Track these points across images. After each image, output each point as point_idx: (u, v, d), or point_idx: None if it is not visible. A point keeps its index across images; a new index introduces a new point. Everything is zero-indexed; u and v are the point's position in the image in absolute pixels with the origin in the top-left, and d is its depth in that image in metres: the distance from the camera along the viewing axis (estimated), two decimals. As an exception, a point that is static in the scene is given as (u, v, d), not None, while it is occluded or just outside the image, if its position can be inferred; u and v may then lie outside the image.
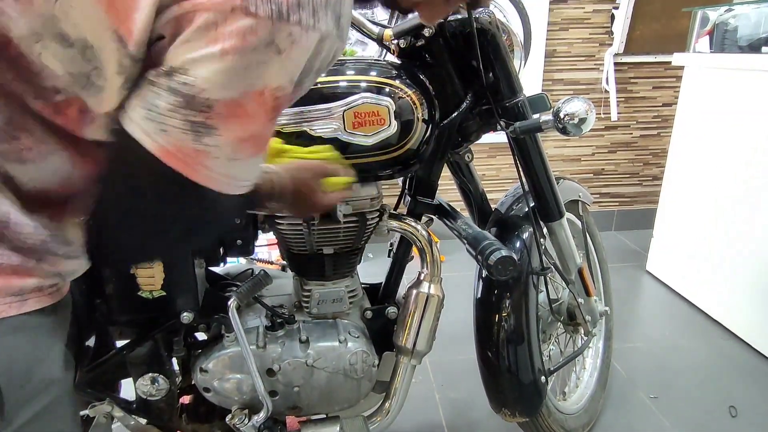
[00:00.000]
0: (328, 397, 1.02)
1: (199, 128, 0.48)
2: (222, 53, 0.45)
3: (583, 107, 0.87)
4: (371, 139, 0.91)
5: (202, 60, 0.45)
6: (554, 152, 2.77)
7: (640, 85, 2.70)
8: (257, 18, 0.44)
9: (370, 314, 1.09)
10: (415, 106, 0.93)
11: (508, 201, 1.24)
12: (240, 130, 0.50)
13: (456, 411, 1.54)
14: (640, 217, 2.86)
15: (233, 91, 0.47)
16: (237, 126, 0.49)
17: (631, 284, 2.35)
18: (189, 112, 0.47)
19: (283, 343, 0.98)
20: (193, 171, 0.50)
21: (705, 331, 1.95)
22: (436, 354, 1.21)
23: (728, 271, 1.94)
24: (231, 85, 0.46)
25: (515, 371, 1.13)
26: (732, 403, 1.55)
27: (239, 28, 0.44)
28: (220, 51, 0.44)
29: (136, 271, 0.89)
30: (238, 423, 0.96)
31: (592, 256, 1.48)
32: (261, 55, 0.46)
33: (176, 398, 1.03)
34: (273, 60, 0.46)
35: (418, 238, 1.02)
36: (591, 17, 2.56)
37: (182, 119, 0.47)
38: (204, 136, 0.48)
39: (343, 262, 1.03)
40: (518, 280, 1.11)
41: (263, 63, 0.46)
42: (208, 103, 0.47)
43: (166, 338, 0.98)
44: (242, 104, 0.48)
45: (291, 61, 0.48)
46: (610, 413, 1.52)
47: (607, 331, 1.59)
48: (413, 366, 1.06)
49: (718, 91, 1.98)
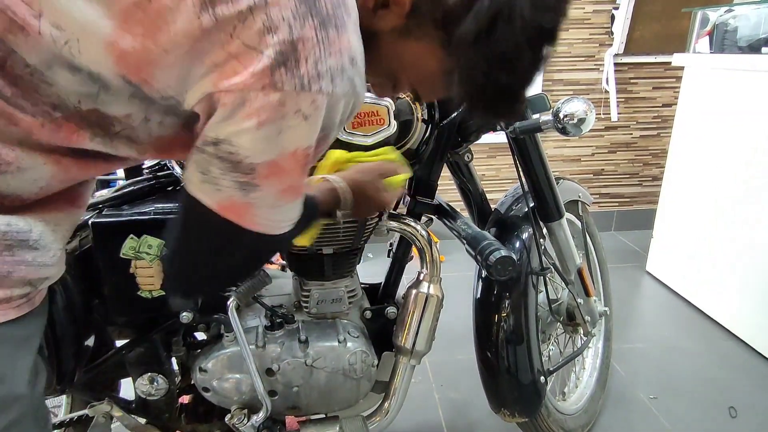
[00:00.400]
0: (327, 397, 1.02)
1: (246, 186, 0.55)
2: (258, 125, 0.51)
3: (582, 107, 0.87)
4: (371, 138, 0.91)
5: (243, 132, 0.51)
6: (554, 152, 2.77)
7: (640, 86, 2.70)
8: (284, 92, 0.50)
9: (370, 314, 1.09)
10: (414, 106, 0.93)
11: (507, 201, 1.24)
12: (279, 183, 0.57)
13: (455, 411, 1.54)
14: (640, 218, 2.86)
15: (271, 153, 0.54)
16: (276, 181, 0.57)
17: (631, 285, 2.35)
18: (237, 174, 0.54)
19: (282, 342, 0.98)
20: (244, 220, 0.58)
21: (705, 332, 1.95)
22: (436, 354, 1.21)
23: (728, 271, 1.94)
24: (269, 150, 0.53)
25: (514, 371, 1.13)
26: (731, 404, 1.55)
27: (270, 103, 0.50)
28: (256, 124, 0.51)
29: (136, 271, 0.89)
30: (237, 423, 0.96)
31: (591, 257, 1.48)
32: (290, 121, 0.52)
33: (175, 398, 1.03)
34: (301, 124, 0.52)
35: (417, 238, 1.02)
36: (591, 17, 2.56)
37: (232, 180, 0.54)
38: (250, 192, 0.56)
39: (343, 262, 1.03)
40: (518, 281, 1.11)
41: (293, 127, 0.52)
42: (251, 167, 0.54)
43: (166, 338, 0.98)
44: (279, 164, 0.55)
45: (316, 124, 0.54)
46: (610, 414, 1.52)
47: (606, 332, 1.59)
48: (412, 366, 1.06)
49: (718, 92, 1.98)
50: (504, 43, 0.55)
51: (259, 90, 0.49)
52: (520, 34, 0.54)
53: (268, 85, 0.49)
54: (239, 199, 0.56)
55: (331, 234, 0.98)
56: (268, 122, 0.51)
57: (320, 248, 0.99)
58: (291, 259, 1.05)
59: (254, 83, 0.49)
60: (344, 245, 1.01)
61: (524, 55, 0.56)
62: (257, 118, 0.50)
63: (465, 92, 0.60)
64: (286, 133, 0.52)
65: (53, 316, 0.84)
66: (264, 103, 0.49)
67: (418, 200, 1.08)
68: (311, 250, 0.99)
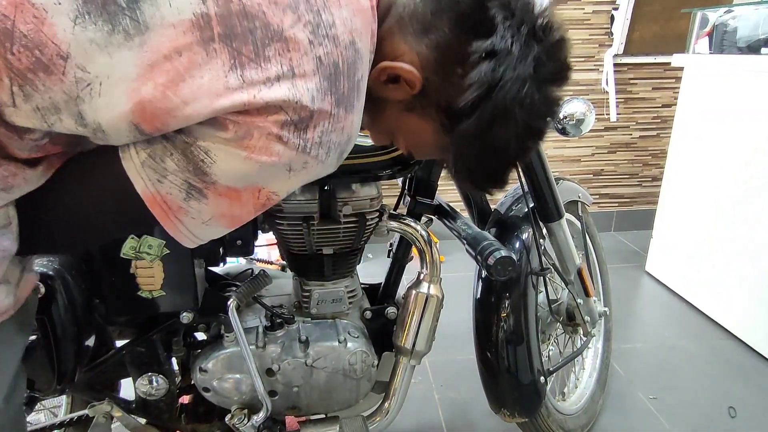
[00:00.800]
0: (327, 397, 1.02)
1: (193, 192, 0.54)
2: (246, 159, 0.51)
3: (581, 108, 0.87)
4: (370, 139, 0.91)
5: (228, 155, 0.51)
6: (554, 153, 2.77)
7: (639, 86, 2.70)
8: (286, 146, 0.52)
9: (370, 314, 1.09)
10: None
11: (507, 201, 1.24)
12: (226, 207, 0.56)
13: (455, 411, 1.54)
14: (640, 218, 2.86)
15: (237, 183, 0.54)
16: (225, 204, 0.56)
17: (631, 285, 2.35)
18: (193, 177, 0.53)
19: (282, 343, 0.98)
20: (168, 222, 0.56)
21: (704, 332, 1.95)
22: (436, 354, 1.21)
23: (727, 271, 1.94)
24: (240, 181, 0.54)
25: (514, 372, 1.13)
26: (731, 404, 1.55)
27: (269, 149, 0.51)
28: (245, 156, 0.51)
29: (136, 271, 0.89)
30: (237, 423, 0.96)
31: (591, 257, 1.48)
32: (276, 171, 0.53)
33: (176, 398, 1.03)
34: (283, 175, 0.55)
35: (417, 238, 1.02)
36: (590, 18, 2.56)
37: (183, 179, 0.53)
38: (193, 200, 0.54)
39: (343, 263, 1.03)
40: (517, 281, 1.11)
41: (274, 176, 0.54)
42: (213, 180, 0.53)
43: (166, 338, 0.98)
44: (240, 192, 0.55)
45: (296, 180, 0.56)
46: (610, 414, 1.53)
47: (606, 332, 1.59)
48: (412, 366, 1.07)
49: (717, 92, 1.98)
50: (498, 141, 0.61)
51: (265, 133, 0.50)
52: (513, 134, 0.60)
53: (274, 135, 0.50)
54: (176, 200, 0.55)
55: (331, 234, 0.98)
56: (256, 162, 0.52)
57: (320, 248, 1.00)
58: (291, 259, 1.05)
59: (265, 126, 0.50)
60: (344, 245, 1.01)
61: (513, 147, 0.63)
62: (249, 153, 0.51)
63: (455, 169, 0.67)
64: (265, 176, 0.54)
65: (53, 315, 0.84)
66: (264, 145, 0.51)
67: (418, 200, 1.08)
68: (311, 250, 0.99)
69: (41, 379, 0.87)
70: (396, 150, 0.94)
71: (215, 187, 0.54)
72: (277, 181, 0.55)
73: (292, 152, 0.52)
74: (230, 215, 0.58)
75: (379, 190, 0.99)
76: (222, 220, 0.58)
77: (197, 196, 0.54)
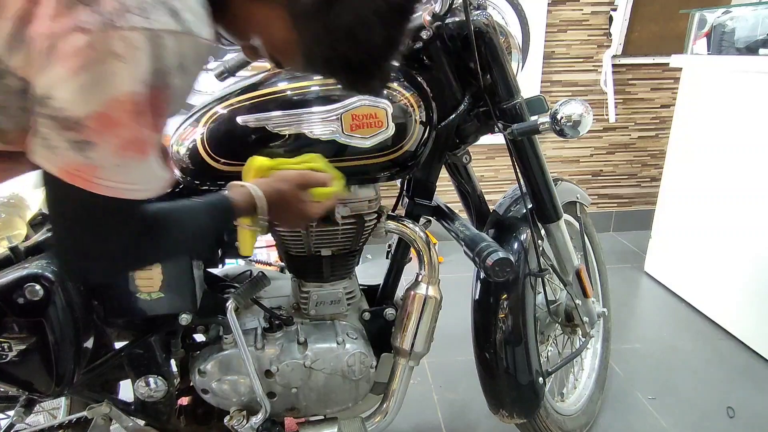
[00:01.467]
0: (326, 399, 1.02)
1: (81, 145, 0.52)
2: (72, 72, 0.48)
3: (579, 109, 0.87)
4: (369, 141, 0.92)
5: (59, 83, 0.49)
6: (552, 153, 2.77)
7: (638, 87, 2.70)
8: (90, 33, 0.47)
9: (368, 316, 1.09)
10: (413, 109, 0.93)
11: (506, 202, 1.24)
12: (114, 138, 0.53)
13: (454, 412, 1.54)
14: (639, 219, 2.87)
15: (94, 104, 0.50)
16: (111, 135, 0.53)
17: (629, 285, 2.35)
18: (68, 133, 0.51)
19: (281, 344, 0.98)
20: (91, 184, 0.54)
21: (703, 332, 1.96)
22: (434, 355, 1.21)
23: (726, 272, 1.95)
24: (90, 100, 0.50)
25: (513, 372, 1.13)
26: (730, 404, 1.55)
27: (78, 47, 0.48)
28: (69, 71, 0.48)
29: (135, 273, 0.89)
30: (236, 424, 0.96)
31: (590, 258, 1.48)
32: (106, 66, 0.49)
33: (174, 400, 1.03)
34: (119, 67, 0.50)
35: (416, 239, 1.03)
36: (589, 19, 2.56)
37: (65, 140, 0.51)
38: (87, 151, 0.52)
39: (341, 264, 1.03)
40: (516, 282, 1.11)
41: (110, 72, 0.50)
42: (77, 120, 0.50)
43: (164, 340, 0.98)
44: (108, 114, 0.51)
45: (135, 65, 0.50)
46: (608, 414, 1.53)
47: (605, 333, 1.59)
48: (411, 367, 1.07)
49: (715, 93, 1.98)
50: (345, 17, 0.54)
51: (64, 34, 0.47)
52: (362, 7, 0.54)
53: (72, 27, 0.47)
54: (78, 161, 0.52)
55: (329, 236, 0.98)
56: (81, 69, 0.48)
57: (319, 250, 1.00)
58: (289, 260, 1.05)
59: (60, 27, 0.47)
60: (343, 247, 1.01)
61: (374, 31, 0.56)
62: (68, 64, 0.48)
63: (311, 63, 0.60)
64: (103, 78, 0.49)
65: (51, 317, 0.84)
66: (72, 47, 0.47)
67: (416, 202, 1.09)
68: (310, 251, 0.99)
69: (40, 381, 0.87)
70: (395, 151, 0.95)
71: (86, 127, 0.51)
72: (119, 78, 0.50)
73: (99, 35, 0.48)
74: (127, 141, 0.54)
75: (378, 192, 0.99)
76: (127, 151, 0.54)
77: (86, 147, 0.52)
